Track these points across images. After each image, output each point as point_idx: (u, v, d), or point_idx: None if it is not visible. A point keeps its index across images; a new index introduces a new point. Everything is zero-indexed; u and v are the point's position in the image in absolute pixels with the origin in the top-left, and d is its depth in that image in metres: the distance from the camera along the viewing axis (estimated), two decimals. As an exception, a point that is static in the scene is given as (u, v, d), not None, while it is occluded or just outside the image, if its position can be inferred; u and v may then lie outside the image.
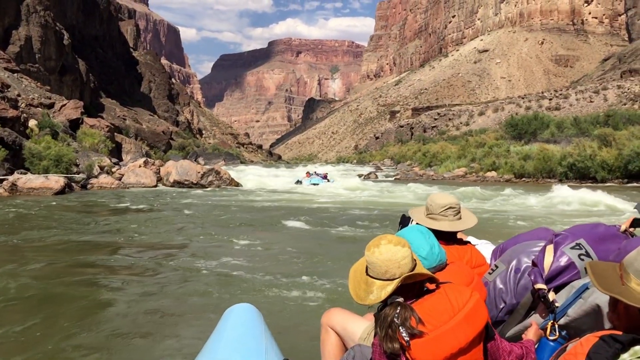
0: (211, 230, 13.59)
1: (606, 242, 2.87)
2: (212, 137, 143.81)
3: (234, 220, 15.91)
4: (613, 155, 32.36)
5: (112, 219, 15.85)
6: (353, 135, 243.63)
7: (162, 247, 11.26)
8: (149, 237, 12.50)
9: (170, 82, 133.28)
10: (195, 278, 8.35)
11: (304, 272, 8.50)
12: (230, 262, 9.50)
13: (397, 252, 2.35)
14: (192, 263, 9.46)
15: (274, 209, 19.20)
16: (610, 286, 1.98)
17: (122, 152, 49.95)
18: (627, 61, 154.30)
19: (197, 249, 11.05)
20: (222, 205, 20.62)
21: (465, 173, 45.30)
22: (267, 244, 11.60)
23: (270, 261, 9.72)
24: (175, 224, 14.92)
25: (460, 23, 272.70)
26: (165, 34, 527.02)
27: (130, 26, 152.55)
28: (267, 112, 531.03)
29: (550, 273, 2.80)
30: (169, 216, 16.98)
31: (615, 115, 57.29)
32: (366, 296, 2.35)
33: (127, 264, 9.49)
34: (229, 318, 3.38)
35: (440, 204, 3.40)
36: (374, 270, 2.36)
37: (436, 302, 2.33)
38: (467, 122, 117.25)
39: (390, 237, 2.43)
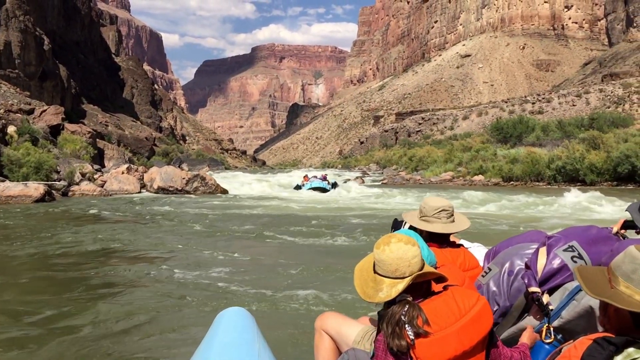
0: (198, 240, 13.06)
1: (598, 244, 2.90)
2: (196, 143, 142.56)
3: (222, 228, 15.36)
4: (602, 158, 32.27)
5: (93, 228, 15.11)
6: (337, 141, 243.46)
7: (145, 258, 10.69)
8: (132, 248, 11.90)
9: (153, 88, 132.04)
10: (183, 287, 8.06)
11: (297, 277, 8.46)
12: (220, 269, 9.27)
13: (407, 250, 2.37)
14: (178, 273, 9.01)
15: (263, 217, 18.64)
16: (600, 290, 1.99)
17: (104, 159, 49.05)
18: (608, 65, 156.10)
19: (183, 259, 10.54)
20: (209, 212, 20.00)
21: (453, 177, 45.10)
22: (257, 252, 11.29)
23: (262, 267, 9.59)
24: (159, 233, 14.31)
25: (442, 28, 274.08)
26: (148, 39, 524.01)
27: (112, 32, 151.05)
28: (251, 118, 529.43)
29: (544, 275, 2.83)
30: (153, 225, 16.31)
31: (599, 118, 57.56)
32: (375, 294, 2.36)
33: (108, 276, 8.93)
34: (221, 322, 3.32)
35: (433, 207, 3.42)
36: (383, 268, 2.38)
37: (443, 304, 2.35)
38: (452, 127, 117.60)
39: (400, 235, 2.45)
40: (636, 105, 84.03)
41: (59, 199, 25.52)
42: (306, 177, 34.63)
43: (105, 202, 24.33)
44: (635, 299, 1.90)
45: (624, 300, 1.91)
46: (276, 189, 34.53)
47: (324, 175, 35.49)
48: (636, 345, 1.90)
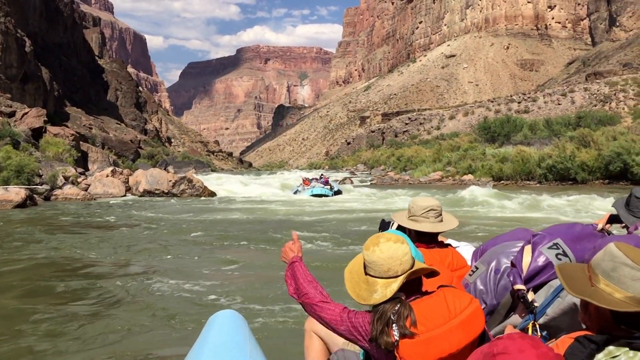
0: (186, 245, 12.55)
1: (583, 241, 2.94)
2: (182, 145, 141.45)
3: (211, 233, 14.79)
4: (593, 156, 32.08)
5: (73, 235, 14.39)
6: (324, 142, 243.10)
7: (128, 267, 10.12)
8: (114, 256, 11.27)
9: (137, 90, 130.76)
10: (169, 295, 7.77)
11: None
12: (209, 274, 9.16)
13: (398, 249, 2.37)
14: (165, 281, 8.58)
15: (252, 221, 18.06)
16: (580, 288, 2.01)
17: (88, 162, 48.18)
18: (592, 64, 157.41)
19: (170, 266, 10.05)
20: (197, 216, 19.37)
21: (442, 177, 44.84)
22: (247, 257, 11.01)
23: (252, 272, 9.48)
24: (145, 239, 13.68)
25: (427, 29, 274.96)
26: (132, 42, 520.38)
27: (95, 34, 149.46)
28: (237, 120, 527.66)
29: (529, 273, 2.86)
30: (138, 230, 15.62)
31: (586, 116, 57.64)
32: (370, 296, 2.35)
33: (87, 288, 8.30)
34: (213, 324, 3.32)
35: (421, 206, 3.42)
36: (375, 269, 2.37)
37: (433, 305, 2.34)
38: (438, 126, 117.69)
39: (389, 235, 2.44)
40: (622, 103, 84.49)
41: (41, 203, 24.74)
42: (306, 181, 30.69)
43: (89, 207, 23.63)
44: (615, 297, 1.92)
45: (604, 298, 1.93)
46: (266, 191, 33.73)
47: (326, 178, 31.41)
48: (617, 342, 1.91)
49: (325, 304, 2.56)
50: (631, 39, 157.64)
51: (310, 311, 2.62)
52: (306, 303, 2.63)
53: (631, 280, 1.90)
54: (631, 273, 1.91)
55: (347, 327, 2.45)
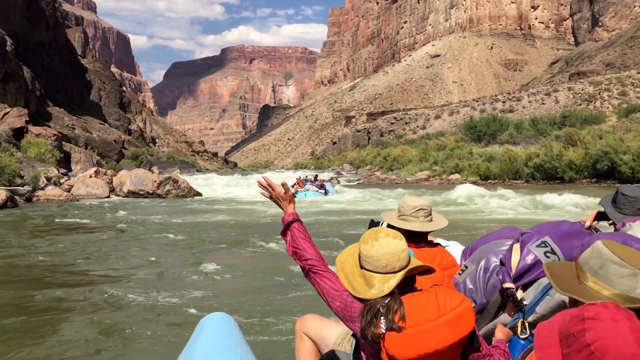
0: (172, 248, 12.15)
1: (571, 239, 2.96)
2: (166, 145, 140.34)
3: (197, 235, 14.37)
4: (580, 155, 32.10)
5: (54, 238, 13.82)
6: (309, 141, 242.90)
7: (111, 273, 9.65)
8: (96, 260, 10.79)
9: (121, 90, 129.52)
10: (157, 298, 7.49)
11: (277, 282, 8.41)
12: (196, 277, 8.96)
13: (396, 245, 2.37)
14: (149, 287, 8.23)
15: (240, 222, 17.67)
16: (568, 286, 2.03)
17: (71, 162, 47.43)
18: (575, 64, 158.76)
19: (154, 270, 9.72)
20: (182, 218, 18.91)
21: (429, 176, 44.79)
22: (235, 259, 10.77)
23: (241, 274, 9.30)
24: (129, 242, 13.20)
25: (412, 29, 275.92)
26: (115, 41, 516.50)
27: (77, 33, 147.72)
28: (222, 120, 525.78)
29: (518, 271, 2.88)
30: (121, 233, 15.11)
31: (571, 115, 57.99)
32: (366, 290, 2.36)
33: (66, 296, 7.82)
34: (204, 327, 3.30)
35: (411, 206, 3.44)
36: (372, 263, 2.37)
37: (424, 301, 2.34)
38: (424, 126, 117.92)
39: (387, 230, 2.45)
40: (607, 102, 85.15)
41: (22, 205, 24.16)
42: (300, 183, 29.41)
43: (72, 208, 23.09)
44: (603, 295, 1.93)
45: (592, 296, 1.95)
46: (253, 192, 33.17)
47: (321, 182, 29.99)
48: None
49: (327, 273, 2.59)
50: (613, 39, 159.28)
51: (310, 276, 2.64)
52: (307, 268, 2.65)
53: (618, 277, 1.91)
54: (618, 270, 1.91)
55: (341, 305, 2.47)
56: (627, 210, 3.25)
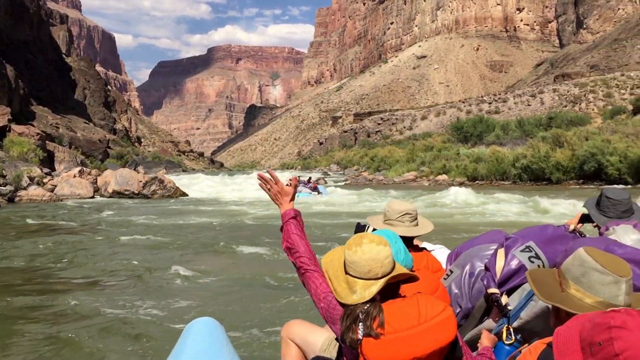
0: (157, 251, 11.83)
1: (555, 243, 2.96)
2: (152, 145, 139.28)
3: (183, 237, 14.05)
4: (567, 156, 32.16)
5: (34, 240, 13.41)
6: (296, 142, 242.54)
7: (92, 278, 9.31)
8: (77, 265, 10.43)
9: (106, 89, 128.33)
10: (141, 304, 7.28)
11: (263, 287, 8.29)
12: (181, 281, 8.78)
13: (380, 251, 2.35)
14: (133, 292, 8.03)
15: (227, 224, 17.38)
16: (551, 294, 2.02)
17: (54, 162, 46.82)
18: (560, 66, 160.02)
19: (138, 274, 9.42)
20: (169, 220, 18.55)
21: (416, 177, 44.77)
22: (221, 263, 10.59)
23: (227, 279, 9.10)
24: (112, 245, 12.82)
25: (398, 30, 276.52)
26: (100, 40, 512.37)
27: (62, 31, 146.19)
28: (208, 120, 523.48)
29: (502, 277, 2.88)
30: (105, 235, 14.67)
31: (557, 117, 58.26)
32: (348, 295, 2.35)
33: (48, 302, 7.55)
34: (190, 332, 3.26)
35: (397, 210, 3.43)
36: (355, 269, 2.35)
37: (405, 307, 2.33)
38: (411, 127, 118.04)
39: (372, 236, 2.43)
40: (592, 104, 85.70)
41: (4, 205, 23.71)
42: None
43: (55, 209, 22.68)
44: (586, 302, 1.93)
45: (574, 304, 1.95)
46: (240, 192, 32.84)
47: (314, 184, 30.52)
48: None
49: (317, 273, 2.58)
50: (598, 41, 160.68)
51: (300, 274, 2.64)
52: (297, 265, 2.65)
53: (601, 285, 1.91)
54: (601, 278, 1.91)
55: (325, 306, 2.46)
56: (611, 213, 3.24)
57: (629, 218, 3.19)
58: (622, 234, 2.85)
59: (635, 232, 2.86)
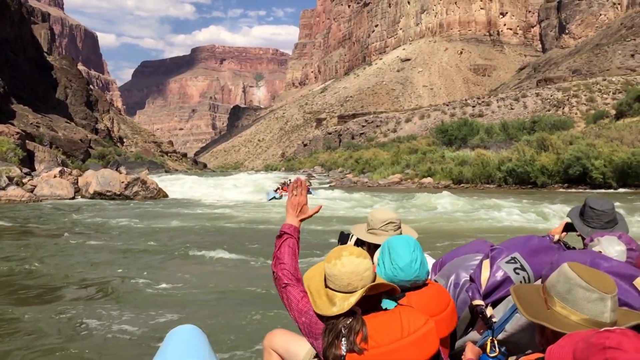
0: (136, 258, 11.39)
1: (540, 255, 2.95)
2: (134, 145, 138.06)
3: (164, 242, 13.59)
4: (552, 160, 32.19)
5: (9, 243, 12.90)
6: (280, 143, 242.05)
7: (67, 283, 8.92)
8: (54, 270, 9.98)
9: (88, 88, 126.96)
10: (119, 313, 7.02)
11: (246, 295, 8.08)
12: (162, 289, 8.43)
13: (359, 264, 2.32)
14: (111, 299, 7.73)
15: (209, 229, 16.86)
16: (536, 312, 1.99)
17: (34, 162, 46.00)
18: (542, 70, 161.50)
19: (116, 281, 9.05)
20: (150, 222, 18.10)
21: (401, 180, 44.65)
22: (204, 270, 10.23)
23: (210, 285, 8.82)
24: (90, 249, 12.35)
25: (383, 32, 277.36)
26: (82, 39, 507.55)
27: (44, 30, 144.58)
28: (191, 120, 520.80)
29: (487, 288, 2.88)
30: (84, 238, 14.16)
31: (541, 121, 58.58)
32: (328, 308, 2.33)
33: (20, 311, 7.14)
34: (172, 340, 3.18)
35: (380, 219, 3.39)
36: (335, 282, 2.34)
37: (387, 321, 2.32)
38: (395, 129, 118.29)
39: (352, 248, 2.42)
40: (575, 108, 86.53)
41: (-19, 206, 23.11)
42: (285, 187, 29.54)
43: (34, 210, 22.13)
44: (572, 320, 1.91)
45: (560, 322, 1.92)
46: (225, 194, 32.43)
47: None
48: None
49: (298, 288, 2.57)
50: (580, 46, 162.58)
51: (281, 287, 2.63)
52: (280, 276, 2.64)
53: (586, 302, 1.89)
54: (586, 295, 1.89)
55: (307, 321, 2.45)
56: (595, 224, 3.22)
57: (612, 228, 3.18)
58: (607, 245, 2.83)
59: (619, 243, 2.83)
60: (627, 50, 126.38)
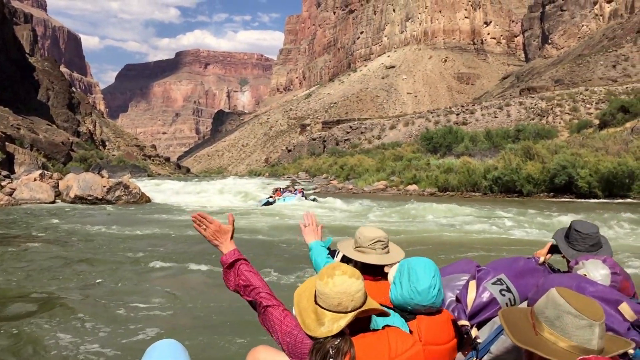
0: (116, 267, 10.96)
1: (526, 277, 2.99)
2: (117, 148, 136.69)
3: (145, 250, 13.12)
4: (538, 169, 32.18)
5: None
6: (264, 148, 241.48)
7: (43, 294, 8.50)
8: (28, 279, 9.57)
9: (70, 91, 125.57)
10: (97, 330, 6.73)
11: (229, 308, 7.73)
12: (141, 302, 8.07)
13: (352, 284, 2.28)
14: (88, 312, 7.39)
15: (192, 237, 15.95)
16: (524, 337, 1.99)
17: (14, 164, 45.16)
18: (525, 79, 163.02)
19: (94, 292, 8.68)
20: (132, 229, 17.59)
21: (386, 187, 44.50)
22: (184, 282, 9.88)
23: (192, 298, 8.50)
24: (68, 258, 11.87)
25: (368, 39, 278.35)
26: (65, 41, 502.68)
27: (26, 31, 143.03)
28: (175, 124, 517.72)
29: (473, 309, 2.89)
30: (62, 246, 13.69)
31: (525, 129, 58.87)
32: (316, 327, 2.29)
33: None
34: (152, 355, 3.13)
35: (369, 237, 3.35)
36: (326, 301, 2.29)
37: (375, 342, 2.30)
38: (379, 136, 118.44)
39: (345, 267, 2.37)
40: (559, 117, 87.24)
41: (-43, 209, 22.47)
42: (278, 192, 30.34)
43: (9, 214, 21.54)
44: (560, 346, 1.91)
45: (548, 348, 1.92)
46: (209, 200, 31.93)
47: (300, 189, 31.29)
48: None
49: (280, 308, 2.53)
50: (562, 56, 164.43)
51: (260, 311, 2.57)
52: (258, 300, 2.57)
53: (575, 329, 1.90)
54: (574, 322, 1.90)
55: (291, 342, 2.41)
56: (580, 247, 3.23)
57: (597, 252, 3.20)
58: (592, 268, 2.84)
59: (604, 267, 2.85)
60: (609, 61, 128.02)
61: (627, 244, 14.02)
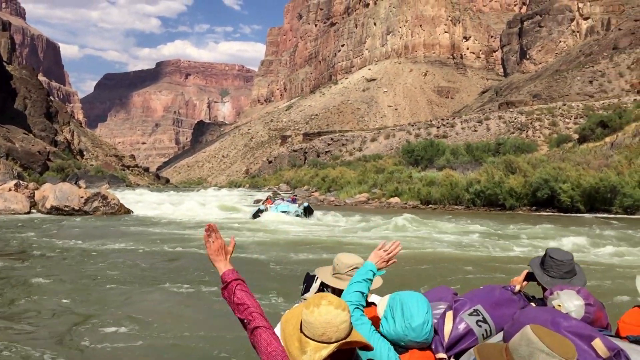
0: (90, 285, 10.41)
1: (502, 307, 3.03)
2: (95, 158, 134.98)
3: (122, 268, 12.51)
4: (520, 183, 32.23)
5: None
6: (244, 159, 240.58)
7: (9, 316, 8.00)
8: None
9: (48, 100, 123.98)
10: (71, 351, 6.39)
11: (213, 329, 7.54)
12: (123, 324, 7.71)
13: (337, 315, 2.28)
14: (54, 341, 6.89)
15: (171, 254, 15.41)
16: None
17: (-11, 174, 44.07)
18: (504, 94, 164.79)
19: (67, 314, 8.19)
20: (109, 243, 17.03)
21: (368, 199, 44.33)
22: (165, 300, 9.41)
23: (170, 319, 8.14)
24: (39, 275, 11.24)
25: (349, 52, 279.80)
26: (44, 49, 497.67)
27: (4, 39, 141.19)
28: (154, 134, 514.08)
29: (450, 340, 2.91)
30: (34, 261, 13.10)
31: (505, 143, 59.25)
32: (299, 355, 2.29)
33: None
34: None
35: (347, 264, 3.38)
36: (310, 330, 2.30)
37: None
38: (360, 148, 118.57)
39: (332, 297, 2.38)
40: (538, 132, 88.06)
41: None
42: (269, 200, 30.46)
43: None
44: None
45: None
46: (189, 211, 31.29)
47: (293, 197, 31.21)
48: None
49: (269, 330, 2.52)
50: (540, 71, 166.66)
51: (250, 331, 2.55)
52: (249, 320, 2.58)
53: None
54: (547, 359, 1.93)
55: None
56: (555, 274, 3.31)
57: (571, 279, 3.27)
58: (566, 299, 2.90)
59: (578, 298, 2.91)
60: (586, 77, 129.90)
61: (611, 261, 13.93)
